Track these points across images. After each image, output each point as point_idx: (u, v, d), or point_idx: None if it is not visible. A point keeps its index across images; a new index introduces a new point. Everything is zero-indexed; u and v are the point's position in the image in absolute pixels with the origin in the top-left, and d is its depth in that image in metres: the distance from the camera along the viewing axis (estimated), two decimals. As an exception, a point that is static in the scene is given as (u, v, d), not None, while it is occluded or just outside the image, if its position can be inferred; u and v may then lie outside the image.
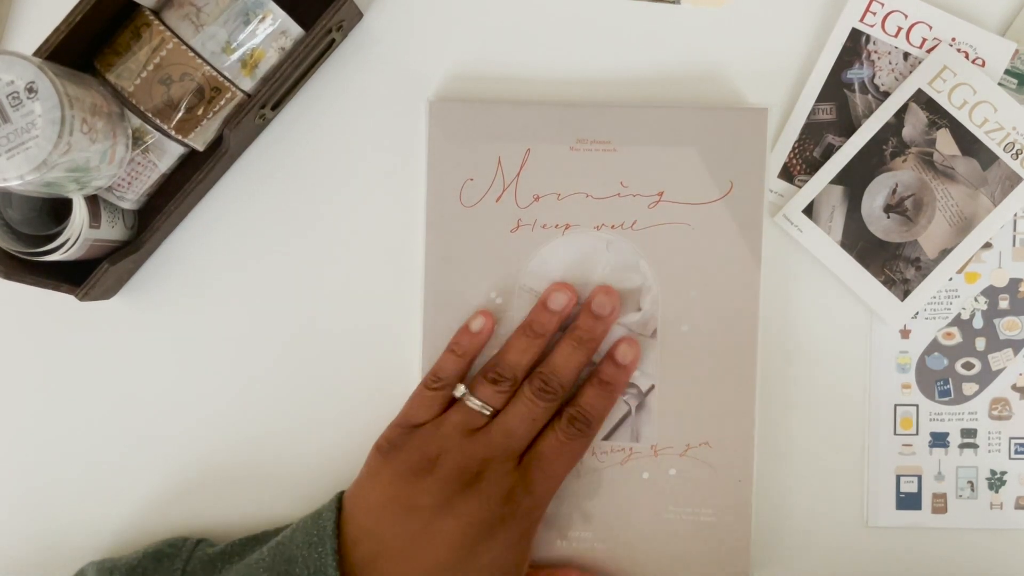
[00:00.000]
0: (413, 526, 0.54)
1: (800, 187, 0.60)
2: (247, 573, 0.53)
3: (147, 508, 0.61)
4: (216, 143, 0.58)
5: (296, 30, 0.56)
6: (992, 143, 0.59)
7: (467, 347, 0.58)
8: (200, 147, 0.57)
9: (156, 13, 0.55)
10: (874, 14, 0.59)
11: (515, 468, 0.56)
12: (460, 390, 0.57)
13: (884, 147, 0.59)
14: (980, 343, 0.60)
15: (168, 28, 0.55)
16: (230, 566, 0.55)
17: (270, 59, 0.56)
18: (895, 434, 0.60)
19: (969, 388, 0.61)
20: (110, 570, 0.56)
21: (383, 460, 0.56)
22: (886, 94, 0.60)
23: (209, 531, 0.61)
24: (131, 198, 0.57)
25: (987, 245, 0.60)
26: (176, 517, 0.61)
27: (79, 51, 0.55)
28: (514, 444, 0.56)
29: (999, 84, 0.59)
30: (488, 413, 0.57)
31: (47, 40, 0.53)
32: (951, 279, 0.60)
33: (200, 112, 0.56)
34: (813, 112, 0.60)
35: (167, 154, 0.57)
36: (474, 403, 0.57)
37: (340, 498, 0.56)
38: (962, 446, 0.61)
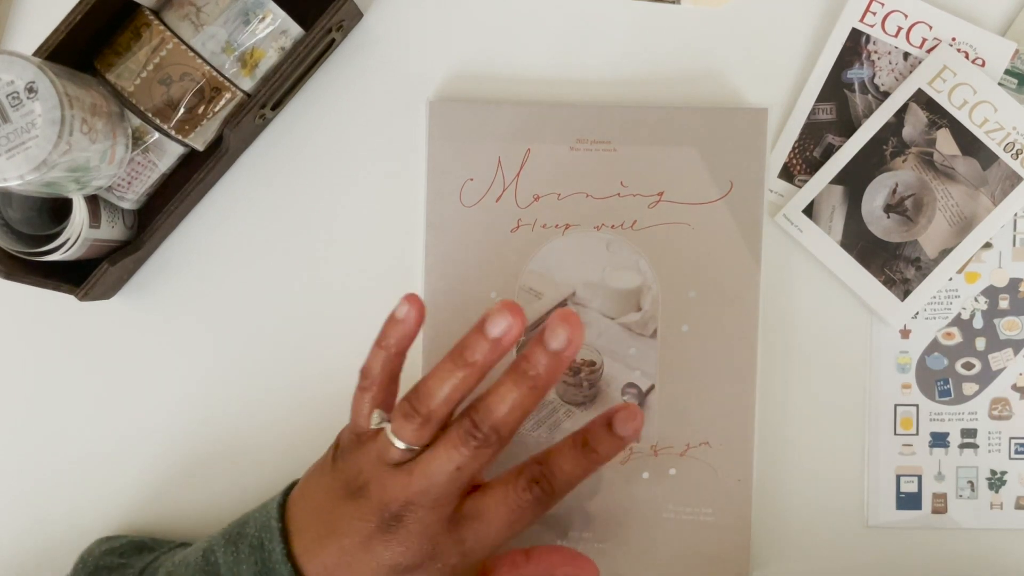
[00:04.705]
0: (332, 549, 0.48)
1: (800, 187, 0.60)
2: (208, 540, 0.52)
3: (146, 507, 0.61)
4: (216, 143, 0.58)
5: (296, 30, 0.56)
6: (992, 143, 0.59)
7: (393, 338, 0.49)
8: (200, 147, 0.57)
9: (156, 13, 0.55)
10: (874, 14, 0.59)
11: (443, 519, 0.48)
12: (376, 419, 0.49)
13: (884, 147, 0.59)
14: (980, 343, 0.60)
15: (168, 28, 0.55)
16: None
17: (270, 59, 0.56)
18: (895, 434, 0.60)
19: (969, 388, 0.61)
20: (107, 552, 0.56)
21: (328, 463, 0.51)
22: (886, 94, 0.59)
23: (207, 529, 0.61)
24: (131, 198, 0.57)
25: (987, 245, 0.60)
26: (174, 516, 0.61)
27: (79, 51, 0.55)
28: (437, 492, 0.47)
29: (999, 84, 0.59)
30: (403, 448, 0.48)
31: (47, 40, 0.53)
32: (951, 279, 0.60)
33: (200, 112, 0.56)
34: (813, 112, 0.60)
35: (167, 154, 0.57)
36: (390, 437, 0.48)
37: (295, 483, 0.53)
38: (962, 446, 0.60)
